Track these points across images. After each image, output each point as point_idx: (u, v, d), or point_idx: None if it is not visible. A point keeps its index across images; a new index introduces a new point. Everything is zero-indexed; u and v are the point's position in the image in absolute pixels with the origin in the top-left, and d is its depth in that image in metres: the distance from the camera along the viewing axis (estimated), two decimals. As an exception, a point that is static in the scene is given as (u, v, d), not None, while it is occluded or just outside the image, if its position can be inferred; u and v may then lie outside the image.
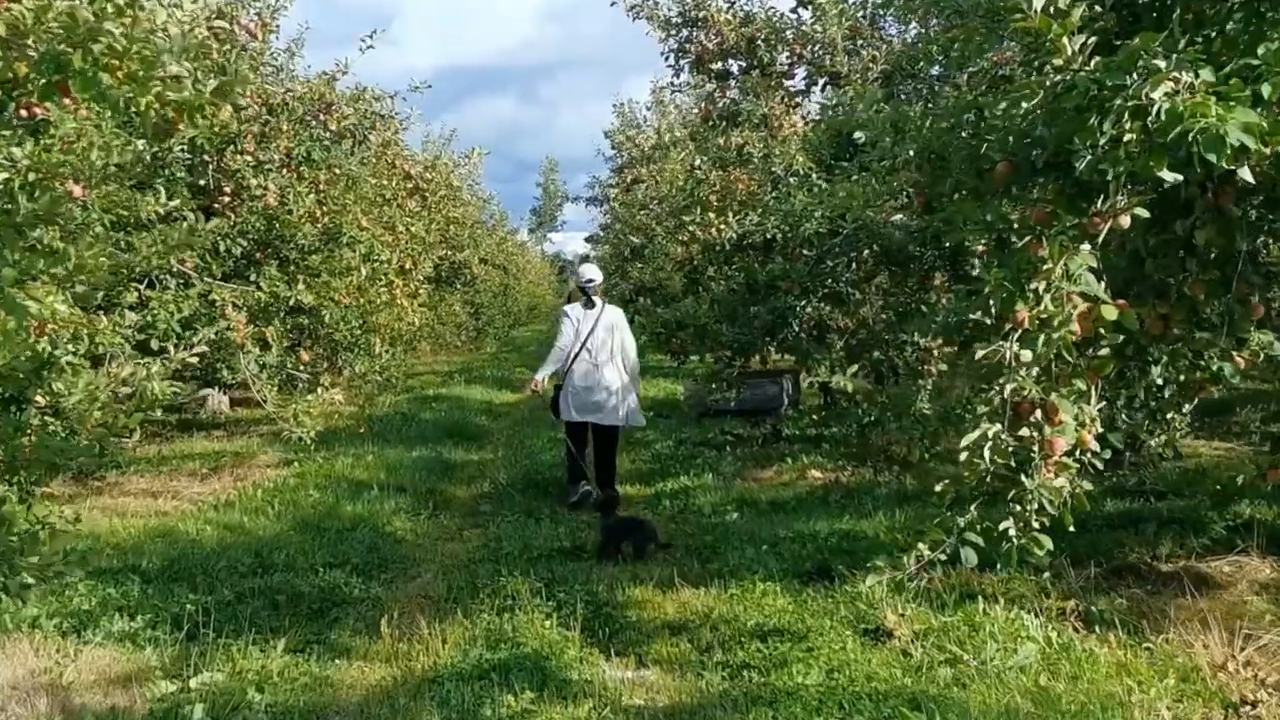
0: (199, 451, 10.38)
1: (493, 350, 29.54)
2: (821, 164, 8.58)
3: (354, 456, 9.37)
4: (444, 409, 13.61)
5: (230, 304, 7.21)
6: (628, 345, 7.57)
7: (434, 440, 10.93)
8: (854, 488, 7.52)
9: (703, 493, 7.60)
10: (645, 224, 14.56)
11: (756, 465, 8.87)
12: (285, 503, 7.42)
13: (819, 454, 8.96)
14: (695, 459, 9.22)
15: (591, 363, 7.35)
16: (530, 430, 11.70)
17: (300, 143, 7.47)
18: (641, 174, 15.96)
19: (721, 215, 8.71)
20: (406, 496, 7.83)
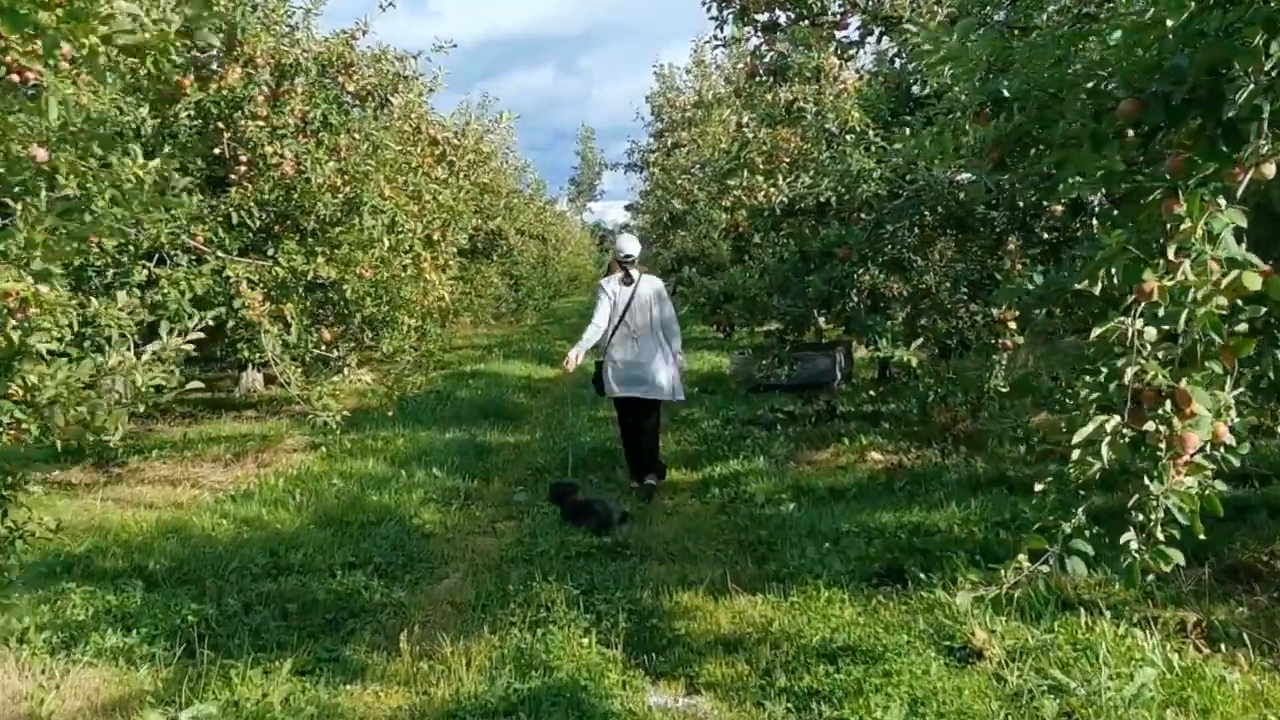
0: (226, 434, 9.99)
1: (533, 322, 29.07)
2: (879, 120, 7.88)
3: (383, 440, 8.91)
4: (481, 386, 13.13)
5: (245, 280, 6.72)
6: (668, 317, 7.27)
7: (469, 421, 10.45)
8: (919, 472, 6.89)
9: (754, 479, 7.01)
10: (687, 189, 13.91)
11: (811, 446, 8.25)
12: (307, 493, 6.96)
13: (878, 433, 8.32)
14: (744, 439, 8.62)
15: (631, 336, 7.09)
16: (571, 409, 11.17)
17: (315, 105, 6.93)
18: (682, 138, 15.28)
19: (770, 178, 8.06)
20: (436, 484, 7.34)
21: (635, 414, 7.23)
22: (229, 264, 6.87)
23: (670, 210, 14.11)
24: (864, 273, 7.42)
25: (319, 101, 7.00)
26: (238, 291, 6.75)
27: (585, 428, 9.73)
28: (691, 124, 15.16)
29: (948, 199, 7.12)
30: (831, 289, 7.10)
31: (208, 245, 7.03)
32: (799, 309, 7.20)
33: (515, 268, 20.32)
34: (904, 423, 8.81)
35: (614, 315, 7.08)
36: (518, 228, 16.69)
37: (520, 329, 27.08)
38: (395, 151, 7.87)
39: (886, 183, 7.30)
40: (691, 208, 13.30)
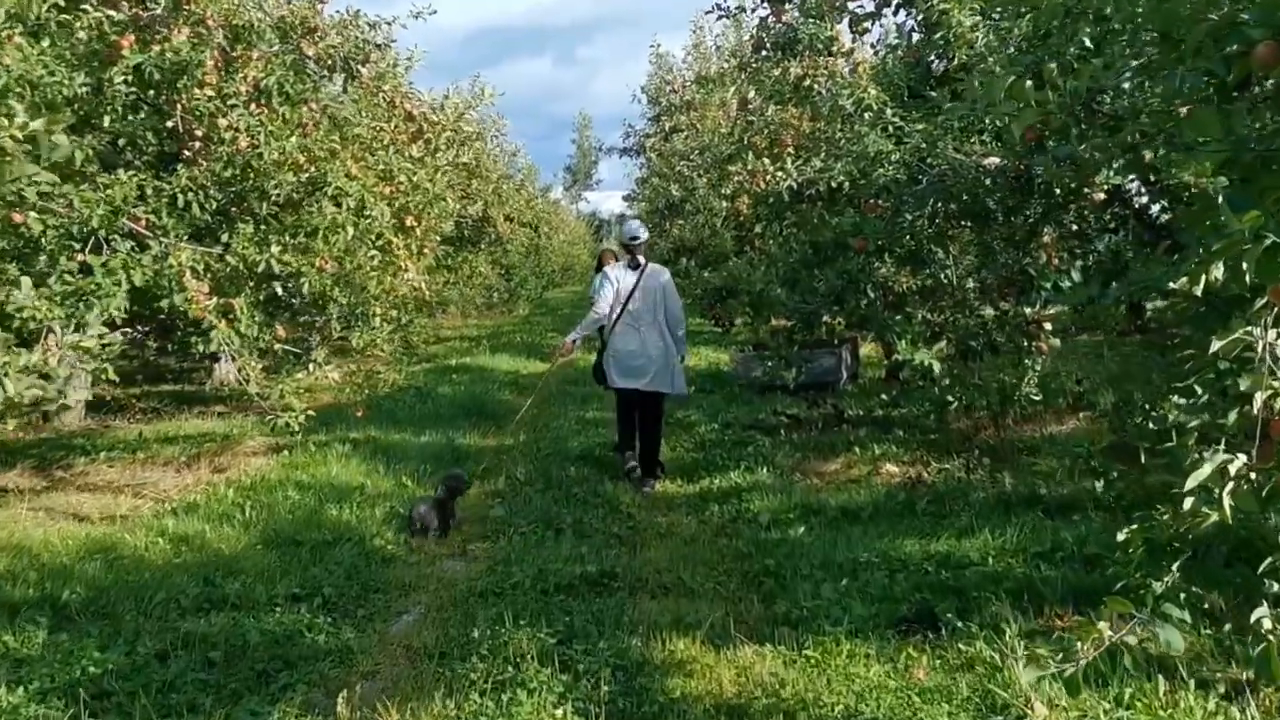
0: (186, 433, 9.27)
1: (525, 313, 28.36)
2: (896, 98, 7.16)
3: (352, 443, 8.17)
4: (464, 382, 12.41)
5: (189, 270, 5.98)
6: (673, 307, 7.04)
7: (449, 420, 9.72)
8: (941, 489, 6.18)
9: (758, 494, 6.29)
10: (685, 175, 13.17)
11: (818, 455, 7.54)
12: (259, 506, 6.23)
13: (891, 442, 7.60)
14: (745, 446, 7.91)
15: (634, 326, 6.86)
16: (558, 408, 10.45)
17: (270, 72, 6.17)
18: (681, 121, 14.53)
19: (778, 160, 7.33)
20: (405, 496, 6.62)
21: (637, 407, 6.98)
22: (173, 251, 6.13)
23: (668, 197, 13.39)
24: (879, 266, 6.71)
25: (274, 68, 6.24)
26: (180, 283, 6.00)
27: (572, 430, 9.00)
28: (690, 107, 14.43)
29: (974, 185, 6.40)
30: (845, 284, 6.38)
31: (151, 230, 6.29)
32: (809, 305, 6.47)
33: (506, 257, 19.55)
34: (919, 430, 8.09)
35: (617, 303, 6.82)
36: (507, 214, 15.95)
37: (512, 320, 26.36)
38: (364, 126, 7.12)
39: (905, 166, 6.59)
40: (690, 195, 12.57)
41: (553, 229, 32.94)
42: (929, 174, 6.56)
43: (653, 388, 6.88)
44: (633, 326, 6.86)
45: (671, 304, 7.03)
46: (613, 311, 6.91)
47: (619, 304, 6.88)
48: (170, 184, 6.30)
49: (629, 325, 6.87)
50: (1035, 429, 7.69)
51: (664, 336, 6.93)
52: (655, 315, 6.91)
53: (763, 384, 10.47)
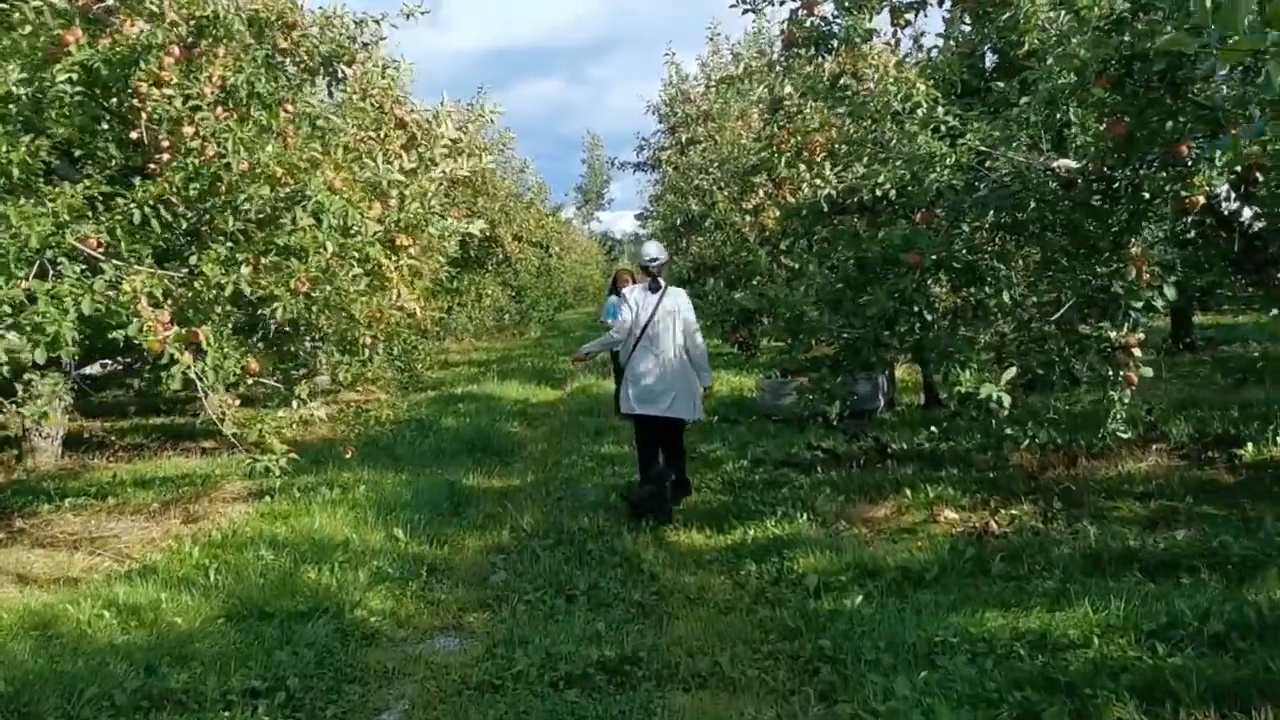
0: (164, 475, 8.48)
1: (536, 335, 27.61)
2: (949, 93, 6.35)
3: (341, 487, 7.36)
4: (470, 413, 11.59)
5: (144, 296, 5.19)
6: (691, 330, 6.76)
7: (451, 457, 8.91)
8: (1014, 542, 5.31)
9: (801, 550, 5.43)
10: (705, 189, 12.38)
11: (863, 497, 6.68)
12: (225, 568, 5.42)
13: (945, 482, 6.74)
14: (779, 487, 7.06)
15: (653, 350, 6.61)
16: (570, 440, 9.62)
17: (239, 71, 5.41)
18: (698, 133, 13.75)
19: (815, 167, 6.53)
20: (395, 552, 5.80)
21: (655, 433, 6.70)
22: (126, 275, 5.35)
23: (685, 213, 12.58)
24: (934, 284, 5.88)
25: (243, 65, 5.47)
26: (135, 311, 5.22)
27: (586, 468, 8.16)
28: (707, 118, 13.66)
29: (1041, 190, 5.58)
30: (898, 305, 5.53)
31: (104, 251, 5.51)
32: (855, 330, 5.64)
33: (516, 278, 18.78)
34: (974, 467, 7.24)
35: (635, 327, 6.61)
36: (515, 233, 15.18)
37: (523, 343, 25.63)
38: (348, 134, 6.35)
39: (961, 170, 5.78)
40: (710, 209, 11.77)
41: (564, 249, 32.20)
42: (987, 179, 5.76)
43: (671, 413, 6.60)
44: (651, 351, 6.61)
45: (692, 328, 6.75)
46: (630, 335, 6.67)
47: (637, 327, 6.64)
48: (126, 197, 5.53)
49: (647, 349, 6.62)
50: (1107, 465, 6.82)
51: (683, 360, 6.67)
52: (674, 339, 6.64)
53: (793, 414, 9.63)
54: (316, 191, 5.67)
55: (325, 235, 5.62)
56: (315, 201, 5.66)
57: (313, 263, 5.58)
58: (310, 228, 5.61)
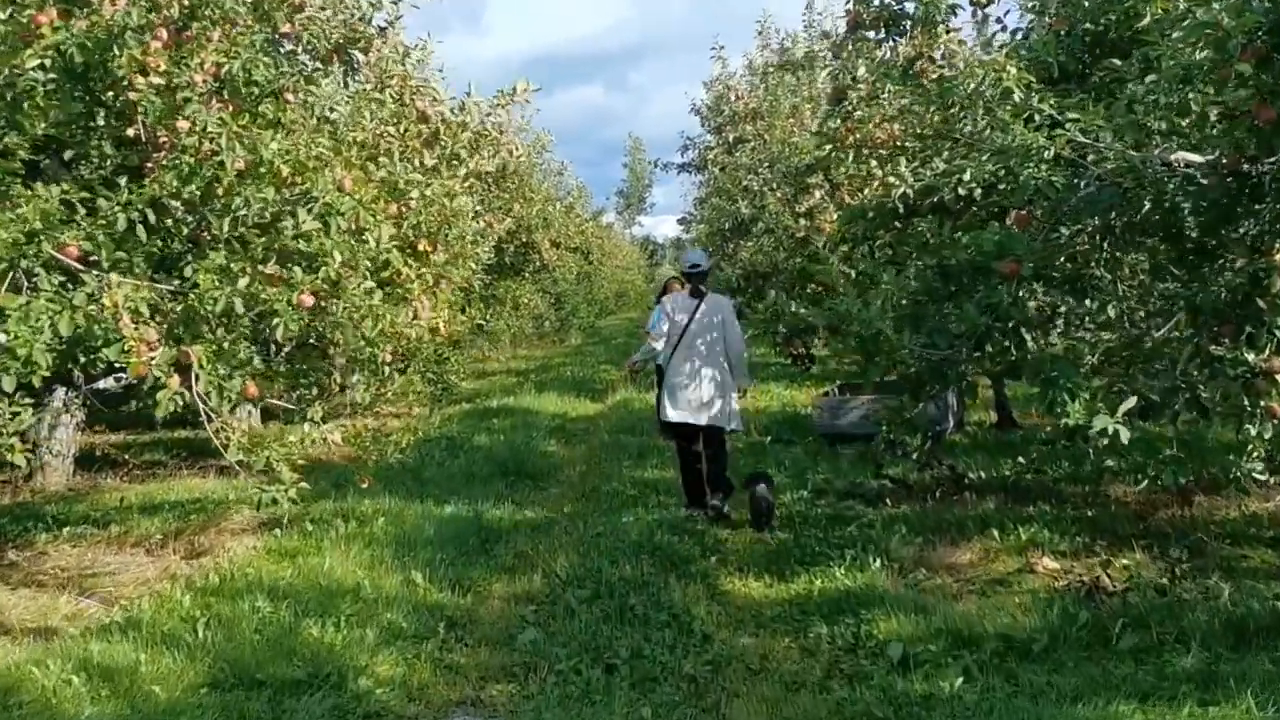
0: (175, 499, 7.90)
1: (577, 343, 26.94)
2: (1044, 78, 5.56)
3: (359, 518, 6.70)
4: (504, 429, 10.90)
5: (126, 312, 4.55)
6: (733, 339, 6.69)
7: (482, 481, 8.22)
8: (1136, 604, 4.48)
9: (880, 609, 4.65)
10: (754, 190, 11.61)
11: (943, 538, 5.88)
12: (218, 622, 4.74)
13: (1037, 521, 5.92)
14: (845, 523, 6.27)
15: (691, 358, 6.55)
16: (610, 463, 8.88)
17: (234, 56, 4.75)
18: (746, 131, 12.98)
19: (888, 163, 5.77)
20: (412, 602, 5.10)
21: (694, 442, 6.68)
22: (109, 288, 4.71)
23: (734, 216, 11.81)
24: (1030, 297, 5.07)
25: (239, 50, 4.81)
26: (117, 328, 4.58)
27: (628, 497, 7.42)
28: (756, 116, 12.89)
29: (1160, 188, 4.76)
30: (991, 322, 4.73)
31: (86, 262, 4.89)
32: (939, 350, 4.83)
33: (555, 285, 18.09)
34: (1066, 502, 6.40)
35: (674, 334, 6.58)
36: (553, 239, 14.49)
37: (562, 351, 24.97)
38: (365, 128, 5.68)
39: (1060, 165, 4.98)
40: (761, 212, 11.00)
41: (605, 255, 31.55)
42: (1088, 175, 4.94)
43: (709, 422, 6.54)
44: (689, 358, 6.56)
45: (732, 336, 6.68)
46: (670, 343, 6.63)
47: (676, 334, 6.60)
48: (110, 200, 4.89)
49: (685, 357, 6.56)
50: (1227, 504, 5.96)
51: (722, 370, 6.60)
52: (714, 347, 6.58)
53: (855, 435, 8.83)
54: (324, 192, 5.00)
55: (333, 242, 4.95)
56: (323, 203, 4.99)
57: (321, 273, 4.90)
58: (317, 233, 4.95)
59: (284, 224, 4.73)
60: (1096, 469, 6.27)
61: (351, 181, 5.24)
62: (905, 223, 6.94)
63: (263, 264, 4.70)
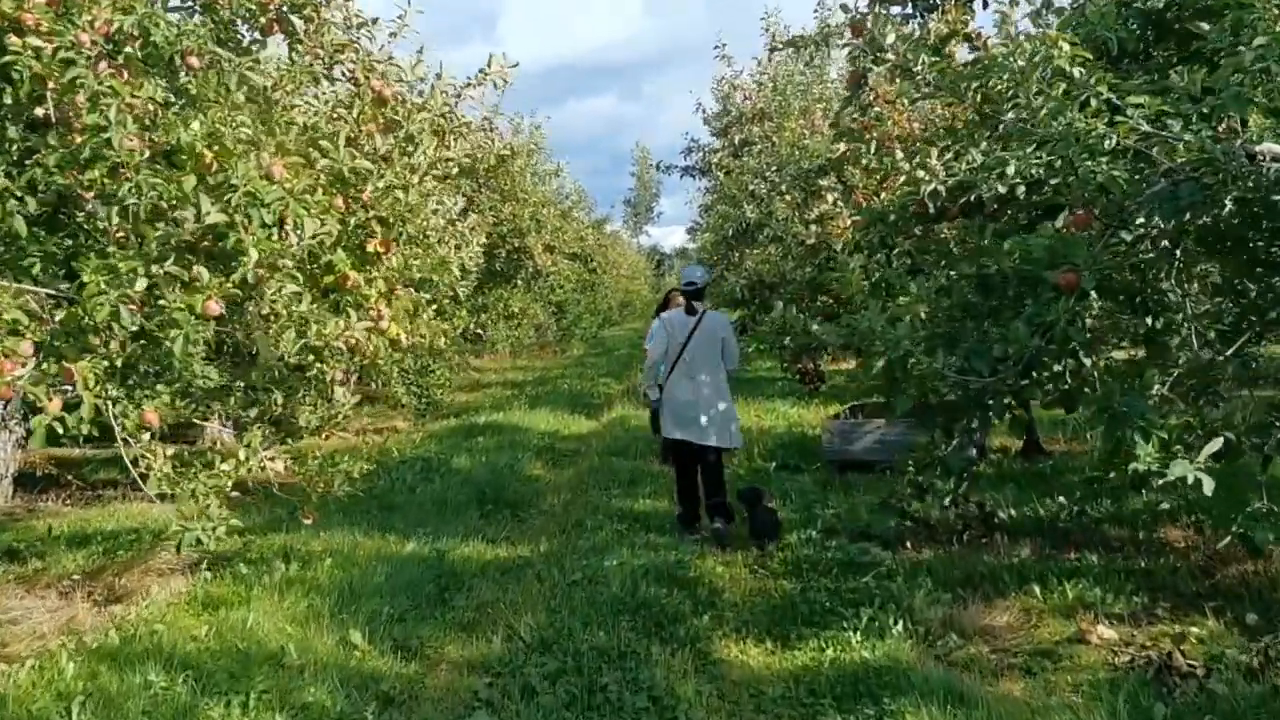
0: (111, 527, 7.08)
1: (579, 353, 26.10)
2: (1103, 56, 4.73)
3: (302, 558, 5.87)
4: (489, 449, 10.07)
5: None
6: (731, 354, 6.63)
7: (455, 511, 7.39)
8: (1221, 695, 3.63)
9: (906, 694, 3.80)
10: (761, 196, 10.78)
11: (976, 593, 5.02)
12: (101, 700, 3.91)
13: (1084, 575, 5.07)
14: (860, 571, 5.43)
15: (689, 375, 6.46)
16: (597, 491, 8.03)
17: (128, 11, 3.95)
18: (752, 133, 12.16)
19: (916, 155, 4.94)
20: (347, 670, 4.26)
21: (694, 459, 6.53)
22: (-29, 292, 3.90)
23: (739, 221, 10.98)
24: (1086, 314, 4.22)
25: (135, 4, 4.01)
26: (-20, 342, 3.77)
27: (613, 533, 6.56)
28: (764, 117, 12.08)
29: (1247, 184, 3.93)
30: (1045, 343, 3.88)
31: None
32: (981, 379, 3.98)
33: (552, 293, 17.25)
34: (1112, 548, 5.54)
35: (672, 351, 6.50)
36: (546, 244, 13.66)
37: (562, 362, 24.14)
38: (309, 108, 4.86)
39: (1125, 158, 4.16)
40: (768, 218, 10.17)
41: (610, 263, 30.70)
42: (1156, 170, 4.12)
43: (706, 441, 6.42)
44: (686, 375, 6.44)
45: (730, 352, 6.60)
46: (668, 360, 6.51)
47: (674, 352, 6.47)
48: (2, 192, 4.10)
49: (683, 374, 6.45)
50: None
51: (720, 387, 6.50)
52: (712, 365, 6.46)
53: (866, 462, 7.99)
54: (245, 179, 4.18)
55: (254, 238, 4.13)
56: (244, 193, 4.17)
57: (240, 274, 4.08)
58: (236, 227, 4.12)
59: (184, 214, 3.89)
60: (1150, 511, 5.41)
61: (283, 168, 4.42)
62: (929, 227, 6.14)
63: (159, 263, 3.87)
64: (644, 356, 7.29)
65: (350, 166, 4.74)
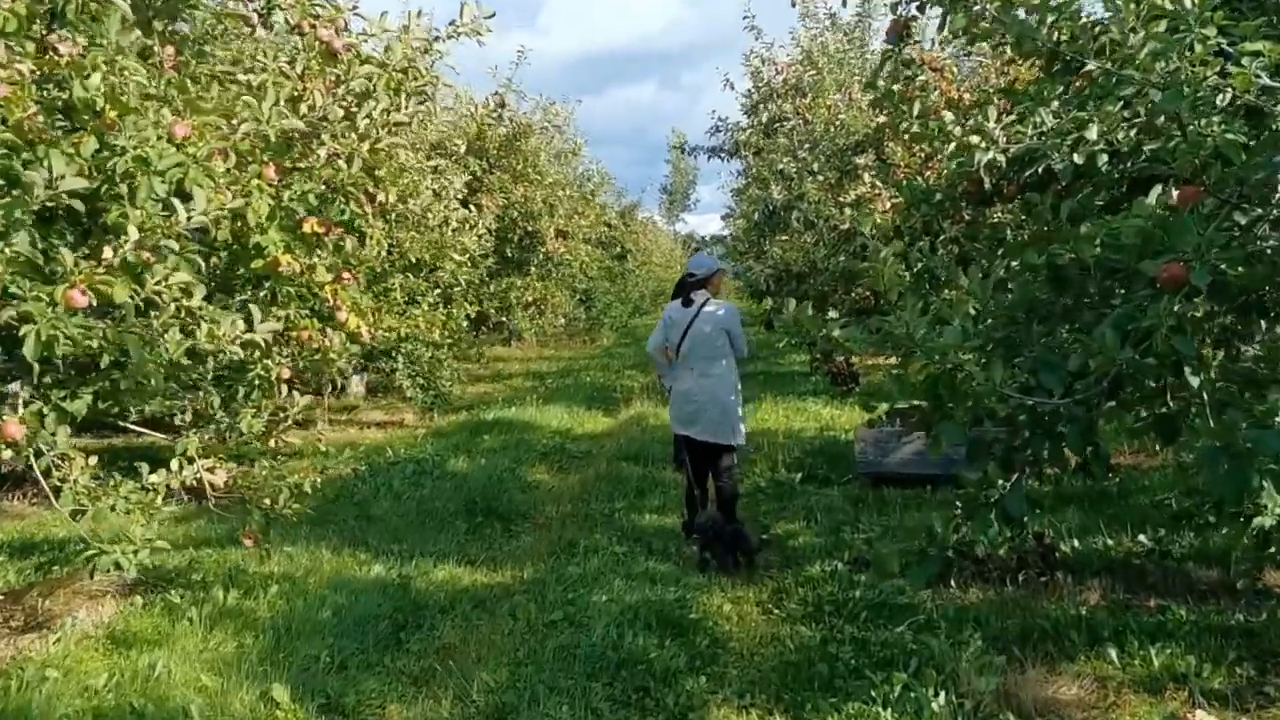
0: (61, 535, 6.39)
1: (608, 343, 25.30)
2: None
3: (247, 583, 5.11)
4: (491, 450, 9.29)
5: None
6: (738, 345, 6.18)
7: (440, 523, 6.63)
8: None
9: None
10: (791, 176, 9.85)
11: (1035, 653, 4.13)
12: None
13: (1170, 634, 4.16)
14: (893, 618, 4.56)
15: (688, 368, 6.15)
16: (600, 501, 7.21)
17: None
18: (785, 110, 11.22)
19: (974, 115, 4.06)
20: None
21: (703, 459, 6.20)
22: None
23: (766, 204, 10.07)
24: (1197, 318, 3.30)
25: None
26: None
27: (611, 556, 5.74)
28: (797, 93, 11.15)
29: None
30: (1137, 356, 2.98)
31: None
32: (1055, 399, 3.09)
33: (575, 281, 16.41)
34: (1200, 594, 4.62)
35: (671, 344, 6.19)
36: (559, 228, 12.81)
37: (591, 350, 23.38)
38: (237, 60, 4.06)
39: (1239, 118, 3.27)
40: (797, 200, 9.26)
41: (641, 250, 29.84)
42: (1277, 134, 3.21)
43: (705, 437, 6.06)
44: (688, 368, 6.14)
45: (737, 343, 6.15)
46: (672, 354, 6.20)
47: (672, 346, 6.17)
48: None
49: (683, 367, 6.17)
50: None
51: (722, 380, 6.08)
52: (711, 358, 6.07)
53: (904, 477, 7.09)
54: (135, 139, 3.39)
55: (142, 212, 3.34)
56: (132, 157, 3.38)
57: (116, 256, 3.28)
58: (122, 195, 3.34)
59: (30, 178, 3.10)
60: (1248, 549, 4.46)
61: (189, 128, 3.62)
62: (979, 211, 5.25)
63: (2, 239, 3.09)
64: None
65: (278, 128, 3.92)
